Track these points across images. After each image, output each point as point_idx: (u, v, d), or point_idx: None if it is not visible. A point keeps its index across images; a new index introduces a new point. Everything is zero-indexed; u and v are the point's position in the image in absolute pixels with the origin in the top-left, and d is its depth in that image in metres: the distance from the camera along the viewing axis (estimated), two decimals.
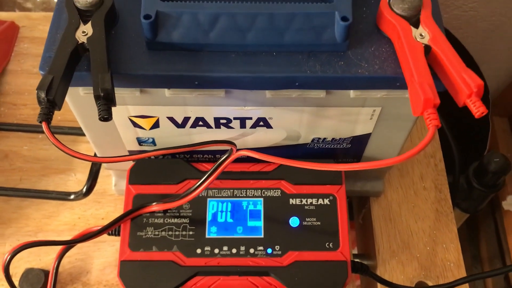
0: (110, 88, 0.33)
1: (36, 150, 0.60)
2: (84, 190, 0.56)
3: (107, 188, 0.58)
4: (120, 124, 0.43)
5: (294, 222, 0.45)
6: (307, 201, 0.46)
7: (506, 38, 0.95)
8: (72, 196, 0.57)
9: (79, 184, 0.58)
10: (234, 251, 0.44)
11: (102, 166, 0.59)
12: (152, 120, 0.43)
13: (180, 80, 0.37)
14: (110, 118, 0.34)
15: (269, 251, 0.44)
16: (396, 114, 0.42)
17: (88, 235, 0.44)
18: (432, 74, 0.35)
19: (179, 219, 0.45)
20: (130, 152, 0.48)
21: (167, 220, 0.45)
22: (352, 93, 0.39)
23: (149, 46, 0.36)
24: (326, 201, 0.46)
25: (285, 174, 0.47)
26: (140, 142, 0.46)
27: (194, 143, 0.43)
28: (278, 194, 0.46)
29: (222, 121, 0.43)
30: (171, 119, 0.42)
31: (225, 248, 0.44)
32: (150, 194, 0.46)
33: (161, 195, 0.46)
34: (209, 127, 0.43)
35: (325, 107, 0.41)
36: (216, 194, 0.46)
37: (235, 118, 0.42)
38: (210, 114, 0.42)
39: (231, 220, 0.45)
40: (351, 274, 0.44)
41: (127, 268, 0.43)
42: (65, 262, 0.53)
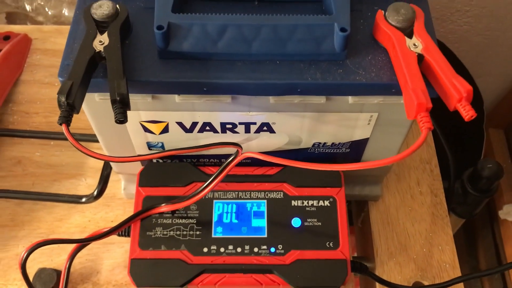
0: (125, 93, 0.36)
1: (48, 156, 0.63)
2: (95, 193, 0.59)
3: (117, 192, 0.60)
4: (131, 129, 0.46)
5: (296, 222, 0.47)
6: (308, 202, 0.48)
7: (501, 52, 0.97)
8: (84, 199, 0.59)
9: (89, 188, 0.60)
10: (239, 250, 0.46)
11: (112, 171, 0.61)
12: (162, 125, 0.45)
13: (189, 86, 0.39)
14: (125, 121, 0.36)
15: (272, 250, 0.46)
16: (392, 119, 0.44)
17: (101, 234, 0.46)
18: (425, 81, 0.37)
19: (187, 219, 0.47)
20: None
21: (175, 221, 0.47)
22: (350, 99, 0.41)
23: (161, 55, 0.39)
24: (327, 202, 0.48)
25: (287, 177, 0.49)
26: (149, 146, 0.48)
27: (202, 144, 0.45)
28: (280, 196, 0.48)
29: (228, 126, 0.45)
30: (180, 124, 0.45)
31: (230, 247, 0.46)
32: (159, 196, 0.48)
33: (169, 197, 0.48)
34: (215, 132, 0.46)
35: (325, 113, 0.43)
36: (222, 196, 0.49)
37: (240, 123, 0.45)
38: (217, 119, 0.44)
39: (236, 221, 0.47)
40: (350, 271, 0.45)
41: (137, 266, 0.45)
42: (76, 263, 0.54)
